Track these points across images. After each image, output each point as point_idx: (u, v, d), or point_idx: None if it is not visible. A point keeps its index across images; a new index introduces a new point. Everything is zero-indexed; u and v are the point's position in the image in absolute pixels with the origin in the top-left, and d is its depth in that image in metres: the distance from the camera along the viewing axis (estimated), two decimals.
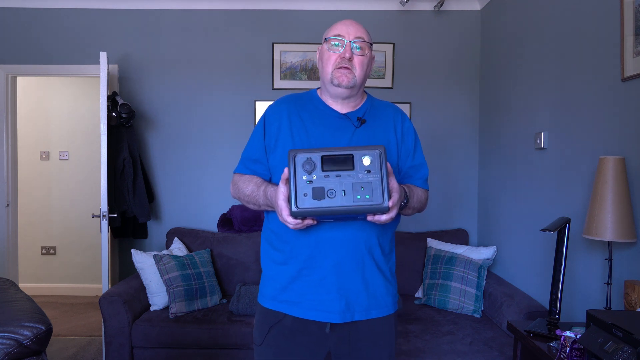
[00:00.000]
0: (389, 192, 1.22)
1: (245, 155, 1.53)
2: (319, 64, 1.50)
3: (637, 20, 1.87)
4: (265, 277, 1.51)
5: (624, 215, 1.79)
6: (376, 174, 1.21)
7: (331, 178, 1.21)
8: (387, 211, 1.22)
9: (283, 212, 1.25)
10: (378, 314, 1.44)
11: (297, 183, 1.20)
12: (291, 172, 1.21)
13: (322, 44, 1.48)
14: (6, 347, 1.42)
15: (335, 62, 1.42)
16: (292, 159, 1.22)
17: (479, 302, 2.94)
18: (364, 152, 1.23)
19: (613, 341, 1.33)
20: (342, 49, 1.42)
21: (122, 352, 2.76)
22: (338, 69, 1.41)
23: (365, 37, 1.44)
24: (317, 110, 1.48)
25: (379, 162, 1.22)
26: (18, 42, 3.61)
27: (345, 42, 1.41)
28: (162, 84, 3.65)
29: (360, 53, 1.43)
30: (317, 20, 3.62)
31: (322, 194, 1.20)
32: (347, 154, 1.23)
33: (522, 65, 2.91)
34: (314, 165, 1.21)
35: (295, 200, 1.20)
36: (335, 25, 1.46)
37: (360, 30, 1.44)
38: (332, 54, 1.43)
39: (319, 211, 1.20)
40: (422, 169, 1.53)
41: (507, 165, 3.13)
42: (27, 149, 4.70)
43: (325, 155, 1.22)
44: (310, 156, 1.22)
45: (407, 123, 1.54)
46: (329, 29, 1.47)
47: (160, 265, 2.97)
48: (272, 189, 1.37)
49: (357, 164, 1.22)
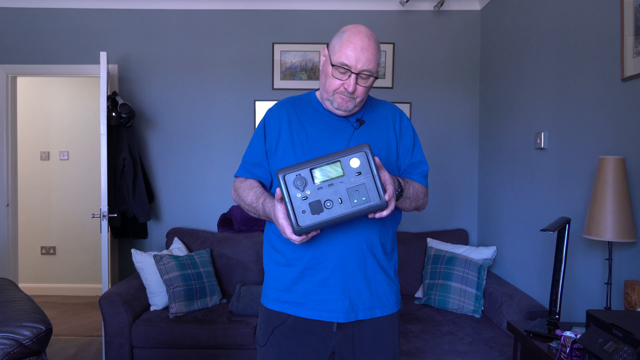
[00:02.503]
0: (384, 187, 1.22)
1: (246, 158, 1.53)
2: (321, 74, 1.44)
3: (637, 20, 1.87)
4: (268, 278, 1.51)
5: (624, 215, 1.79)
6: (367, 174, 1.21)
7: (325, 189, 1.21)
8: (387, 206, 1.22)
9: (286, 230, 1.25)
10: (382, 312, 1.45)
11: (293, 202, 1.20)
12: (284, 192, 1.20)
13: (328, 56, 1.39)
14: (6, 347, 1.42)
15: (337, 89, 1.39)
16: (282, 179, 1.21)
17: (479, 302, 2.94)
18: (350, 155, 1.22)
19: (613, 341, 1.33)
20: (346, 78, 1.36)
21: (122, 352, 2.77)
22: (339, 94, 1.39)
23: (372, 68, 1.36)
24: (316, 113, 1.48)
25: (366, 161, 1.22)
26: (18, 42, 3.61)
27: (352, 74, 1.35)
28: (162, 84, 3.65)
29: (364, 83, 1.38)
30: (317, 20, 3.62)
31: (319, 207, 1.20)
32: (334, 160, 1.22)
33: (522, 65, 2.91)
34: (304, 181, 1.21)
35: (295, 219, 1.20)
36: (346, 48, 1.34)
37: (370, 59, 1.35)
38: (336, 80, 1.38)
39: (321, 224, 1.21)
40: (421, 166, 1.53)
41: (507, 165, 3.13)
42: (27, 149, 4.70)
43: (313, 167, 1.21)
44: (299, 172, 1.21)
45: (405, 121, 1.54)
46: (340, 45, 1.36)
47: (160, 265, 2.97)
48: (270, 203, 1.35)
49: (346, 168, 1.22)
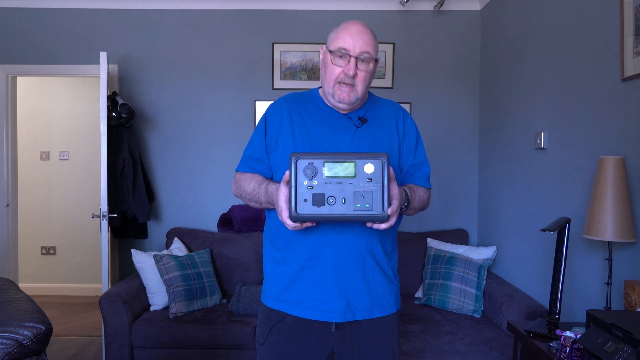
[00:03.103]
0: (389, 200, 1.21)
1: (246, 154, 1.53)
2: (321, 69, 1.46)
3: (637, 20, 1.87)
4: (267, 276, 1.51)
5: (624, 215, 1.79)
6: (377, 182, 1.20)
7: (332, 185, 1.20)
8: (387, 220, 1.21)
9: (283, 213, 1.25)
10: (381, 313, 1.45)
11: (298, 188, 1.20)
12: (292, 176, 1.20)
13: (326, 50, 1.42)
14: (6, 347, 1.42)
15: (337, 77, 1.39)
16: (294, 163, 1.20)
17: (479, 302, 2.94)
18: (366, 160, 1.21)
19: (613, 341, 1.33)
20: (346, 63, 1.37)
21: (122, 352, 2.77)
22: (340, 84, 1.39)
23: (371, 50, 1.38)
24: (318, 110, 1.47)
25: (381, 170, 1.20)
26: (18, 42, 3.61)
27: (351, 58, 1.36)
28: (162, 84, 3.65)
29: (364, 68, 1.38)
30: (317, 20, 3.62)
31: (322, 200, 1.20)
32: (350, 160, 1.21)
33: (522, 65, 2.91)
34: (315, 171, 1.20)
35: (295, 205, 1.19)
36: (342, 34, 1.38)
37: (367, 42, 1.37)
38: (336, 67, 1.38)
39: (318, 217, 1.20)
40: (423, 167, 1.52)
41: (507, 165, 3.13)
42: (27, 149, 4.70)
43: (327, 161, 1.21)
44: (312, 161, 1.20)
45: (408, 121, 1.53)
46: (336, 35, 1.40)
47: (160, 265, 2.97)
48: (273, 186, 1.36)
49: (359, 171, 1.21)
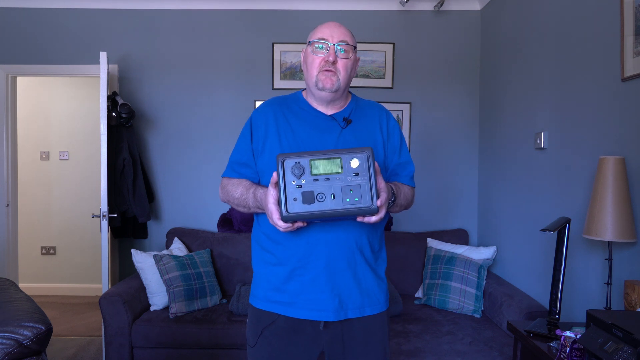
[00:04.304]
0: (378, 193, 1.23)
1: (233, 159, 1.53)
2: (303, 67, 1.51)
3: (637, 20, 1.87)
4: (257, 278, 1.51)
5: (624, 215, 1.79)
6: (364, 176, 1.22)
7: (320, 182, 1.22)
8: (377, 212, 1.23)
9: (274, 215, 1.26)
10: (372, 311, 1.46)
11: (287, 188, 1.21)
12: (280, 176, 1.22)
13: (306, 47, 1.48)
14: (6, 347, 1.42)
15: (319, 66, 1.43)
16: (280, 163, 1.22)
17: (479, 302, 2.94)
18: (351, 154, 1.23)
19: (613, 341, 1.33)
20: (326, 52, 1.43)
21: (122, 352, 2.76)
22: (322, 72, 1.42)
23: (349, 40, 1.44)
24: (303, 112, 1.50)
25: (367, 164, 1.23)
26: (18, 42, 3.61)
27: (329, 45, 1.42)
28: (162, 84, 3.65)
29: (344, 56, 1.43)
30: (317, 20, 3.61)
31: (311, 198, 1.21)
32: (335, 157, 1.23)
33: (522, 65, 2.91)
34: (302, 170, 1.22)
35: (285, 204, 1.21)
36: (319, 28, 1.46)
37: (345, 33, 1.44)
38: (316, 57, 1.44)
39: (309, 215, 1.21)
40: (408, 167, 1.56)
41: (507, 165, 3.13)
42: (27, 149, 4.70)
43: (313, 159, 1.23)
44: (298, 160, 1.22)
45: (392, 121, 1.57)
46: (313, 32, 1.47)
47: (160, 265, 2.97)
48: (261, 191, 1.37)
49: (346, 166, 1.23)
